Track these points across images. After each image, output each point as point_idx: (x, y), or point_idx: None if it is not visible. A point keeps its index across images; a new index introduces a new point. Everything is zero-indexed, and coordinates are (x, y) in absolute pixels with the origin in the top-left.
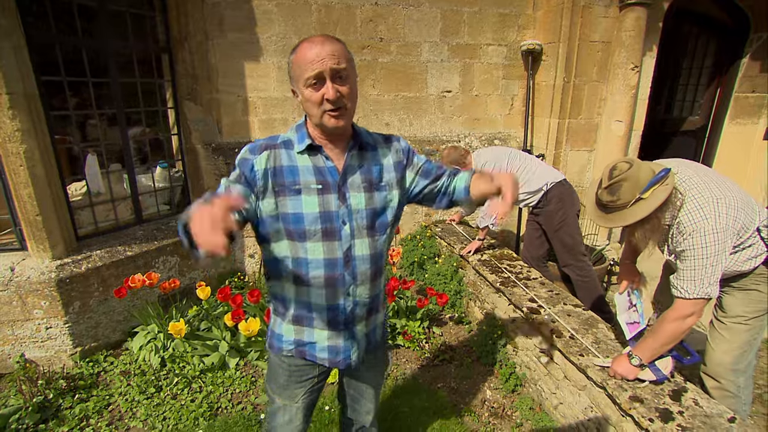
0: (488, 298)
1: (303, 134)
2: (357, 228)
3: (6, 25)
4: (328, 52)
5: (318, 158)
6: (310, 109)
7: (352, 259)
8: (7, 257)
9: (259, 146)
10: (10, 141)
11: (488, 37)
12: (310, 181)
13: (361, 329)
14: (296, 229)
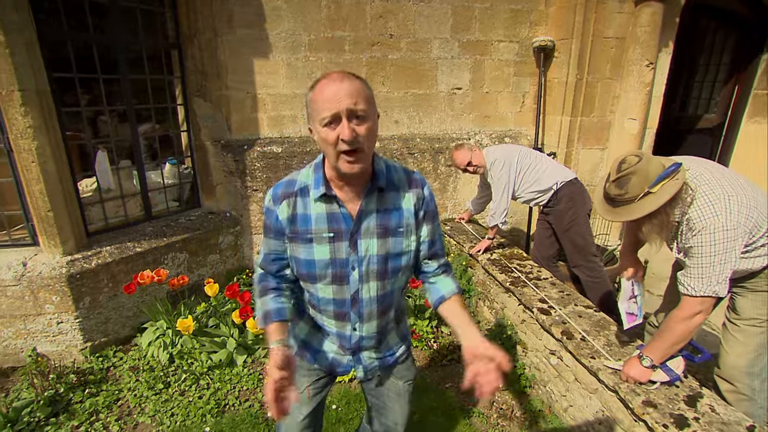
0: (498, 298)
1: (319, 178)
2: (366, 273)
3: (18, 21)
4: (345, 92)
5: (333, 205)
6: (326, 149)
7: (359, 301)
8: (20, 252)
9: (279, 196)
10: (22, 137)
11: (499, 33)
12: (322, 230)
13: (368, 355)
14: (307, 273)
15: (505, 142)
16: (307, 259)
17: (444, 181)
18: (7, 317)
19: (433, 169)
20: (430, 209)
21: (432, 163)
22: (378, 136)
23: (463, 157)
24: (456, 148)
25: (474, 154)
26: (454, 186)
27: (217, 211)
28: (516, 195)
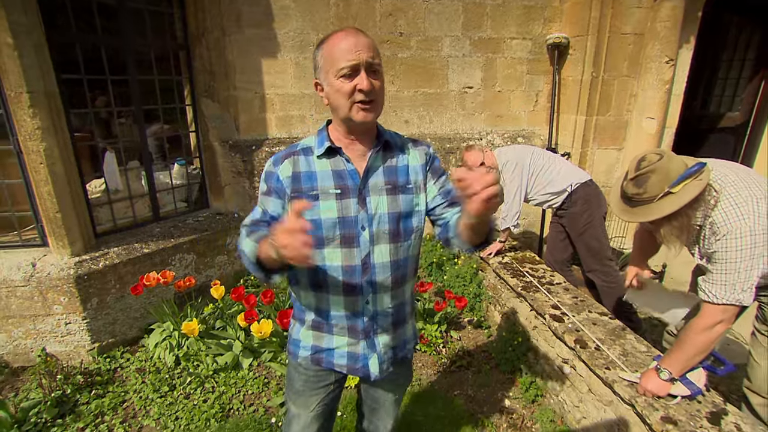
0: (509, 303)
1: (323, 138)
2: (377, 234)
3: (27, 23)
4: (364, 45)
5: (338, 161)
6: (339, 100)
7: (371, 267)
8: (30, 253)
9: (280, 157)
10: (30, 139)
11: (512, 30)
12: (328, 186)
13: (384, 341)
14: (313, 237)
15: (518, 142)
16: (313, 219)
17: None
18: (17, 317)
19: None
20: (437, 165)
21: (443, 163)
22: None
23: (475, 158)
24: (467, 149)
25: (486, 155)
26: None
27: (225, 211)
28: (528, 197)
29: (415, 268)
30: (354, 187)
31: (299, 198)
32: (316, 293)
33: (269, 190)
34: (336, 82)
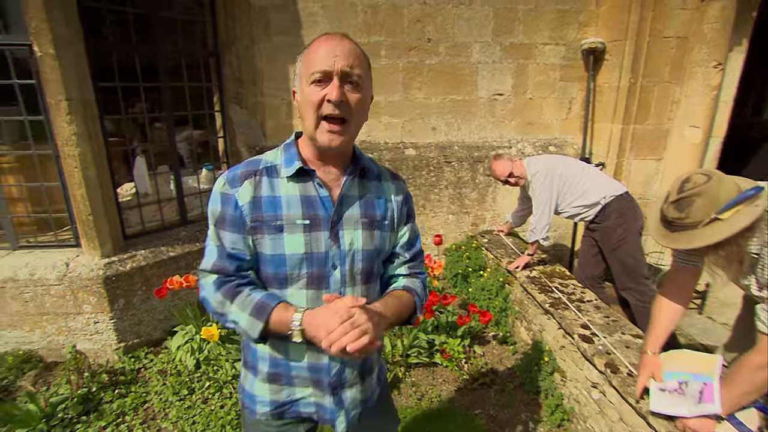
0: (536, 320)
1: (292, 155)
2: (350, 273)
3: (68, 35)
4: (343, 51)
5: (308, 185)
6: (306, 112)
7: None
8: (64, 253)
9: (238, 175)
10: (66, 144)
11: (545, 35)
12: (294, 216)
13: (352, 395)
14: (275, 273)
15: (550, 151)
16: (276, 254)
17: (483, 191)
18: (51, 314)
19: (471, 179)
20: (411, 207)
21: (470, 172)
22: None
23: (503, 168)
24: (495, 158)
25: (515, 165)
26: (493, 197)
27: None
28: (559, 209)
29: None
30: (326, 217)
31: (260, 229)
32: (273, 340)
33: (223, 219)
34: (306, 90)
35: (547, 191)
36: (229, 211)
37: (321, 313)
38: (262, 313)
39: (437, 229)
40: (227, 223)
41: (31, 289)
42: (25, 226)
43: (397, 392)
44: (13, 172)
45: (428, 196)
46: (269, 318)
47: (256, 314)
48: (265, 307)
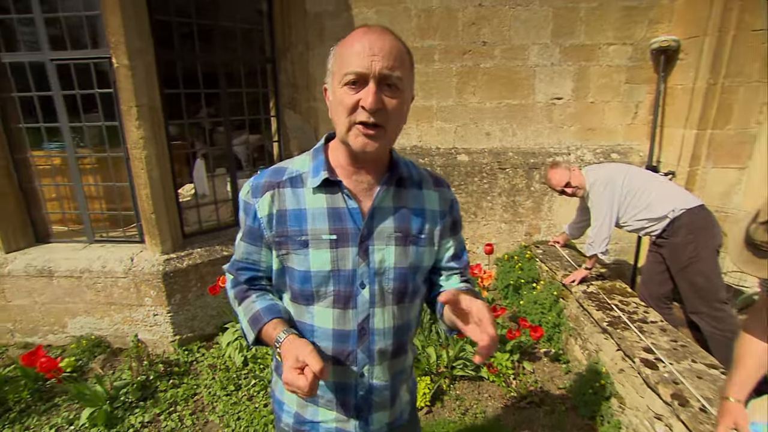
0: (592, 338)
1: (320, 163)
2: (380, 293)
3: (140, 46)
4: (383, 49)
5: (336, 196)
6: (338, 115)
7: (369, 333)
8: (130, 248)
9: (261, 185)
10: (135, 147)
11: (609, 35)
12: (321, 230)
13: (379, 419)
14: (301, 290)
15: (612, 158)
16: (302, 270)
17: (538, 199)
18: (118, 305)
19: (526, 186)
20: (457, 216)
21: (525, 179)
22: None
23: (560, 177)
24: (551, 166)
25: (573, 174)
26: (549, 206)
27: None
28: (621, 222)
29: (416, 329)
30: (355, 231)
31: (285, 245)
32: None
33: (243, 228)
34: (339, 91)
35: (607, 202)
36: (248, 221)
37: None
38: (255, 325)
39: (488, 237)
40: (245, 233)
41: (102, 280)
42: (100, 222)
43: (440, 404)
44: (92, 172)
45: (480, 203)
46: (261, 331)
47: (252, 324)
48: (258, 320)
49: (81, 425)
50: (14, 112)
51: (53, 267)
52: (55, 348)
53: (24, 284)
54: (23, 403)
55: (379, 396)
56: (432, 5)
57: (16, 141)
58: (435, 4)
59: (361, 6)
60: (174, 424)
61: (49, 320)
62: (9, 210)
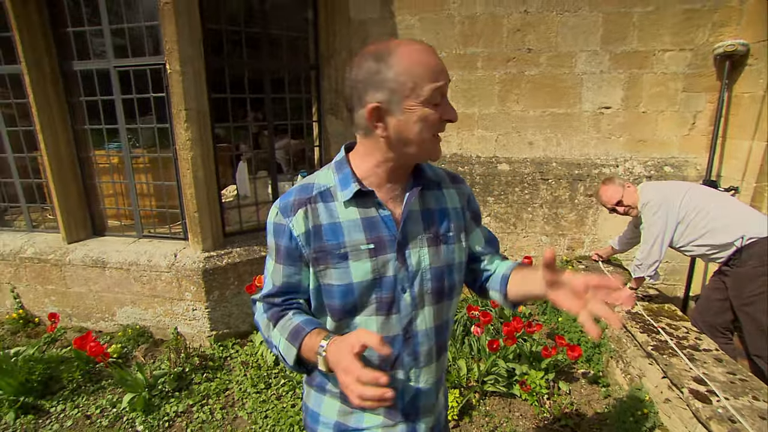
0: (635, 363)
1: (347, 176)
2: (420, 295)
3: (192, 54)
4: (443, 65)
5: (368, 206)
6: (422, 134)
7: (413, 336)
8: (174, 244)
9: (291, 204)
10: (182, 149)
11: (665, 41)
12: (358, 241)
13: (426, 423)
14: (343, 304)
15: (664, 171)
16: (344, 285)
17: (582, 212)
18: (160, 298)
19: (569, 198)
20: (476, 207)
21: (569, 191)
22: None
23: (612, 194)
24: (604, 182)
25: (626, 192)
26: (593, 219)
27: None
28: (679, 247)
29: (451, 331)
30: (391, 238)
31: (323, 260)
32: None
33: (278, 251)
34: (423, 110)
35: (659, 225)
36: (283, 242)
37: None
38: (296, 339)
39: (528, 250)
40: (282, 255)
41: (148, 273)
42: (148, 219)
43: (468, 420)
44: (144, 171)
45: (520, 214)
46: (302, 343)
47: (292, 338)
48: (299, 332)
49: (122, 409)
50: (81, 114)
51: (106, 258)
52: (105, 334)
53: (81, 273)
54: (75, 383)
55: (426, 399)
56: (476, 12)
57: (81, 141)
58: (479, 10)
59: (405, 13)
60: (205, 416)
61: (101, 308)
62: (73, 204)
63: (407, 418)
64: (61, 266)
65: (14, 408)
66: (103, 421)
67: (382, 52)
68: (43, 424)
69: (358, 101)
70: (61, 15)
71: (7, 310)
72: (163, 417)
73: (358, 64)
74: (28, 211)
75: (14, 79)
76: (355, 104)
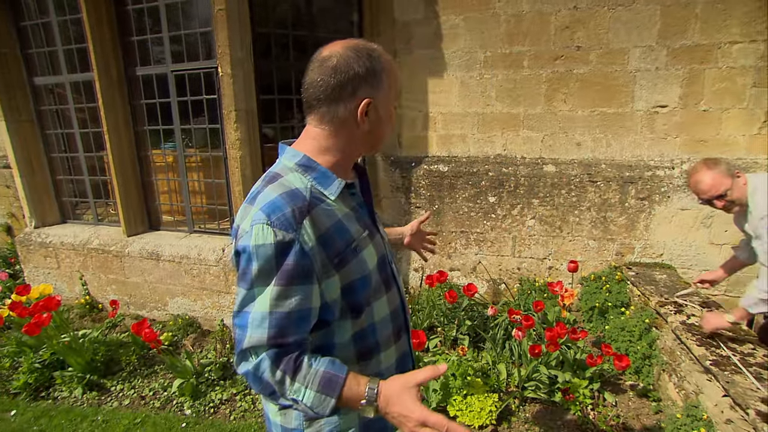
0: (690, 377)
1: (324, 172)
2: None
3: (242, 57)
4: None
5: (347, 198)
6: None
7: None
8: (222, 240)
9: (290, 216)
10: (232, 148)
11: (733, 32)
12: (358, 231)
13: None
14: (365, 296)
15: None
16: (363, 275)
17: (633, 216)
18: (208, 290)
19: (619, 201)
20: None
21: (619, 194)
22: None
23: (715, 182)
24: (707, 164)
25: (736, 183)
26: (645, 224)
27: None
28: None
29: None
30: (370, 222)
31: (345, 259)
32: (361, 363)
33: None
34: (392, 110)
35: None
36: (291, 261)
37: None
38: (333, 388)
39: (573, 254)
40: (290, 277)
41: (197, 266)
42: (199, 215)
43: (507, 425)
44: (196, 170)
45: (566, 217)
46: (341, 393)
47: (325, 390)
48: (334, 380)
49: (172, 393)
50: (141, 116)
51: (160, 251)
52: (158, 323)
53: (138, 264)
54: (131, 366)
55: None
56: (522, 10)
57: (141, 141)
58: (526, 8)
59: (449, 13)
60: (247, 405)
61: (155, 297)
62: (133, 199)
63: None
64: (121, 257)
65: (82, 384)
66: (155, 403)
67: (372, 53)
68: (105, 400)
69: (349, 95)
70: (127, 26)
71: (76, 295)
72: (209, 403)
73: (357, 60)
74: (95, 206)
75: (86, 85)
76: (343, 97)
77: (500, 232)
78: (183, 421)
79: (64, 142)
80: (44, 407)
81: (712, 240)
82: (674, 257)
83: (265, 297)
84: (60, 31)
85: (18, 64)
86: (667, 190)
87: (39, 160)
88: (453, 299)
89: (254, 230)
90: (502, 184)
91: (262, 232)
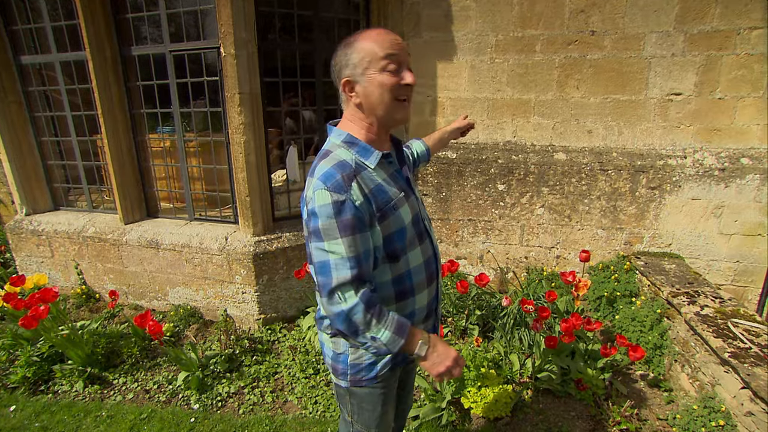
0: (706, 369)
1: (364, 146)
2: (427, 220)
3: (245, 37)
4: (402, 42)
5: (385, 165)
6: (382, 96)
7: (435, 251)
8: (225, 228)
9: (341, 181)
10: (235, 132)
11: (754, 17)
12: (395, 193)
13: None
14: (402, 245)
15: (741, 163)
16: (401, 228)
17: (643, 206)
18: (211, 280)
19: (630, 191)
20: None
21: (630, 183)
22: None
23: None
24: None
25: None
26: (655, 213)
27: None
28: None
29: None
30: (406, 185)
31: (385, 215)
32: (399, 302)
33: (346, 226)
34: (379, 77)
35: None
36: (348, 215)
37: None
38: (403, 330)
39: (582, 243)
40: (352, 226)
41: (199, 255)
42: (200, 202)
43: (522, 416)
44: (196, 155)
45: (576, 206)
46: (408, 334)
47: (398, 331)
48: (404, 324)
49: (177, 386)
50: (137, 98)
51: (160, 240)
52: (158, 313)
53: (137, 253)
54: (133, 358)
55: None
56: None
57: (137, 124)
58: None
59: None
60: (256, 398)
61: (154, 287)
62: (129, 185)
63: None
64: (119, 246)
65: (83, 378)
66: (160, 396)
67: (350, 40)
68: (107, 394)
69: (337, 80)
70: (122, 1)
71: (72, 285)
72: (216, 397)
73: (336, 54)
74: (89, 192)
75: (78, 65)
76: (338, 84)
77: (508, 220)
78: (191, 415)
79: (54, 125)
80: (45, 402)
81: (722, 230)
82: (683, 247)
83: (339, 245)
84: (47, 4)
85: (2, 41)
86: (679, 180)
87: (28, 143)
88: (465, 289)
89: (316, 195)
90: (511, 172)
91: (321, 195)
